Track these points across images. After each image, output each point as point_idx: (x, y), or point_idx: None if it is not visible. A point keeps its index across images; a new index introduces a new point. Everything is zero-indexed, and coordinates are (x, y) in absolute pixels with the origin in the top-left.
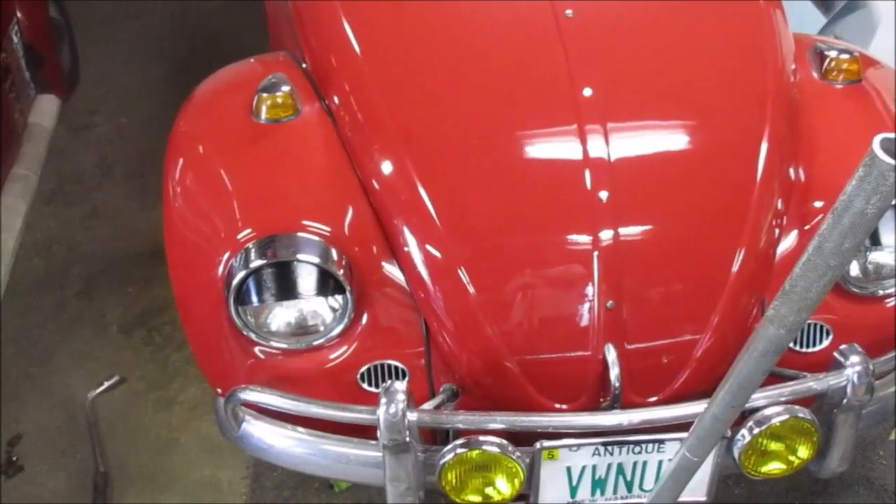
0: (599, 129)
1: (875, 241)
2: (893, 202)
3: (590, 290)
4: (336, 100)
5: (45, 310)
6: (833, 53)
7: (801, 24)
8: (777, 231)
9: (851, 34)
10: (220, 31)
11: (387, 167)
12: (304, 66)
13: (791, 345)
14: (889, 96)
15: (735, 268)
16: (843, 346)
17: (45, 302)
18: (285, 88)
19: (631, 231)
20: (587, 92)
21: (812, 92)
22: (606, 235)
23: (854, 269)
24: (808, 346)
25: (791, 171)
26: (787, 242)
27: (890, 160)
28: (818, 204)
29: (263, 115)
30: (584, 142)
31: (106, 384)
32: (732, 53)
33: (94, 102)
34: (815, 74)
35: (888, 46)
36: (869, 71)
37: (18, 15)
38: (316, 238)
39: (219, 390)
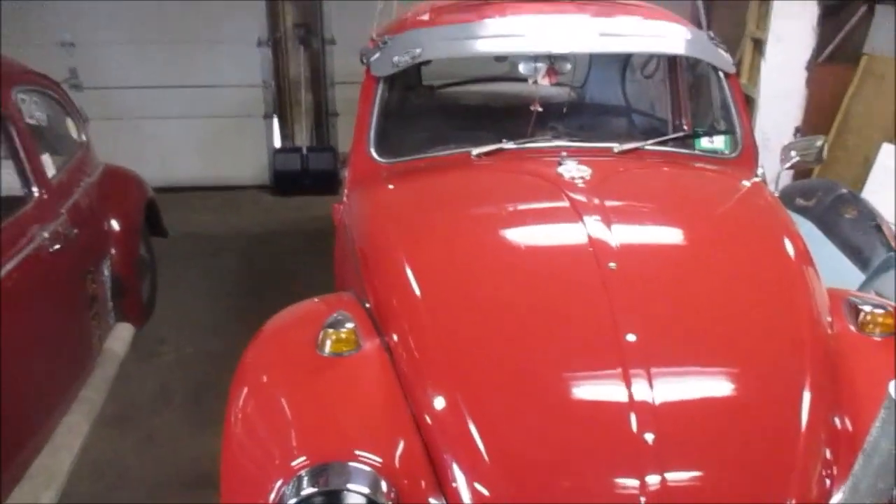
0: (643, 373)
1: None
2: None
3: None
4: (395, 337)
5: None
6: (868, 308)
7: (840, 280)
8: (828, 481)
9: (890, 290)
10: (288, 272)
11: (438, 403)
12: (366, 305)
13: None
14: None
15: None
16: None
17: None
18: (349, 325)
19: (678, 477)
20: (631, 337)
21: (850, 343)
22: (653, 480)
23: None
24: None
25: (836, 420)
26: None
27: None
28: None
29: (327, 349)
30: (628, 385)
31: None
32: (769, 306)
33: (164, 332)
34: (851, 327)
35: None
36: None
37: (112, 251)
38: (367, 468)
39: None
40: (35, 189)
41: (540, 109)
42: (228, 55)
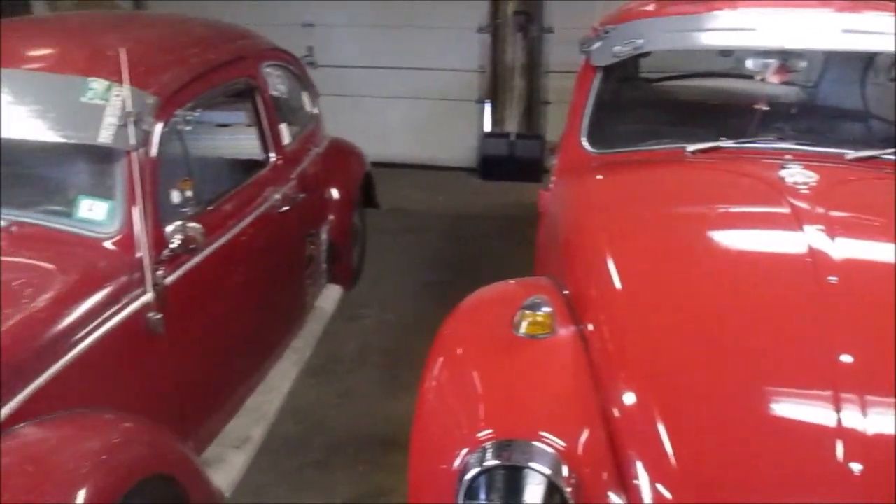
0: (856, 398)
1: None
2: None
3: None
4: (591, 327)
5: (285, 471)
6: None
7: None
8: None
9: None
10: (484, 254)
11: (629, 398)
12: (565, 292)
13: None
14: None
15: None
16: None
17: (286, 464)
18: (546, 309)
19: None
20: (846, 358)
21: None
22: None
23: None
24: None
25: None
26: None
27: None
28: None
29: (522, 330)
30: (838, 409)
31: None
32: None
33: (368, 297)
34: None
35: None
36: None
37: (330, 217)
38: (551, 450)
39: None
40: (272, 154)
41: (765, 108)
42: (450, 40)
